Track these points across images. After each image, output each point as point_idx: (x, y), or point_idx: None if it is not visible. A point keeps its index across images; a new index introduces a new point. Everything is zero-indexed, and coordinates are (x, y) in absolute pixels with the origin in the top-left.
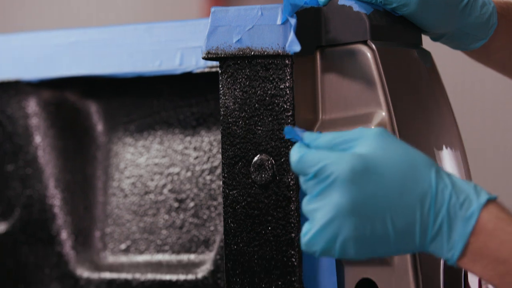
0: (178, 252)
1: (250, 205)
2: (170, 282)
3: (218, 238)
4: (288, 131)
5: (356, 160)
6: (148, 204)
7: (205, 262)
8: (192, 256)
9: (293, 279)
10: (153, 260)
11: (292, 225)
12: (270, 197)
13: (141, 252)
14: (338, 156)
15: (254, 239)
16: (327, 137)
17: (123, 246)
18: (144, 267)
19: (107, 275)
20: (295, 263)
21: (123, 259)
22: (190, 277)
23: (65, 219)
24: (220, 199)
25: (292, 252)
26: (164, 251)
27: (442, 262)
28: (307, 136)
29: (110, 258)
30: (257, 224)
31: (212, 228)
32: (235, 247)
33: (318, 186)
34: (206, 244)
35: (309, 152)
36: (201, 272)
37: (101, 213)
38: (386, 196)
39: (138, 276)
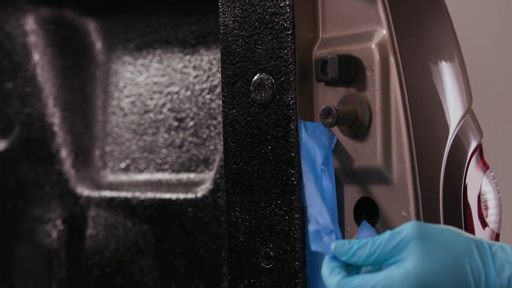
0: (178, 171)
1: (250, 124)
2: (170, 200)
3: (218, 157)
4: (315, 242)
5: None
6: (147, 123)
7: (204, 181)
8: (191, 175)
9: (292, 198)
10: (153, 179)
11: (292, 144)
12: (269, 116)
13: (140, 171)
14: (385, 283)
15: (253, 158)
16: (361, 252)
17: (122, 165)
18: (144, 186)
19: (107, 193)
20: (295, 182)
21: (123, 177)
22: (190, 196)
23: (64, 137)
24: (220, 118)
25: (292, 171)
26: (163, 170)
27: (441, 180)
28: (339, 250)
29: (110, 177)
30: (257, 143)
31: (211, 147)
32: (234, 166)
33: None
34: (205, 163)
35: (352, 282)
36: (200, 191)
37: (101, 131)
38: None
39: (138, 194)
